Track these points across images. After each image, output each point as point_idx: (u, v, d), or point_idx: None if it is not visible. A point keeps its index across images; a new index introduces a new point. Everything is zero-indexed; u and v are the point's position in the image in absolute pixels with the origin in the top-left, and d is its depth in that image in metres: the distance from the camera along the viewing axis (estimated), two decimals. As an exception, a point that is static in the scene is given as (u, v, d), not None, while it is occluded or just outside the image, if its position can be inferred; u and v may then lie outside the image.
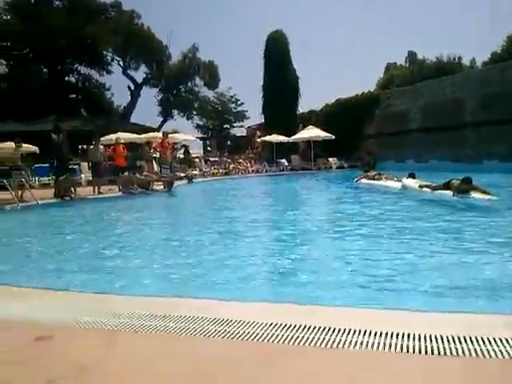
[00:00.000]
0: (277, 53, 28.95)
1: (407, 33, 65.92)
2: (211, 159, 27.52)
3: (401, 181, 11.42)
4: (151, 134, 22.86)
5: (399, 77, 32.97)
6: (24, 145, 17.73)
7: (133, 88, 36.89)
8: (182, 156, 24.73)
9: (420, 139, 22.69)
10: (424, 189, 9.84)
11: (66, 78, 34.92)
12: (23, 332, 2.65)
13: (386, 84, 33.53)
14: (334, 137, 25.33)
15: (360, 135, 26.71)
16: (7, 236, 7.85)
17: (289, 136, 26.94)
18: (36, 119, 25.64)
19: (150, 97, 41.85)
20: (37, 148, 19.02)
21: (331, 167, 26.59)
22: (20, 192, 12.39)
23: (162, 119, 38.62)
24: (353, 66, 64.43)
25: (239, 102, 42.91)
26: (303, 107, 31.92)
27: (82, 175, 17.55)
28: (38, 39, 29.76)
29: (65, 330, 2.65)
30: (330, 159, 27.14)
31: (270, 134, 27.53)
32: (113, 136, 18.87)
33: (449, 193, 8.72)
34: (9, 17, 31.91)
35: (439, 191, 9.19)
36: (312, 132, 26.44)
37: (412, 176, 11.27)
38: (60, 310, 2.98)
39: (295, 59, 30.24)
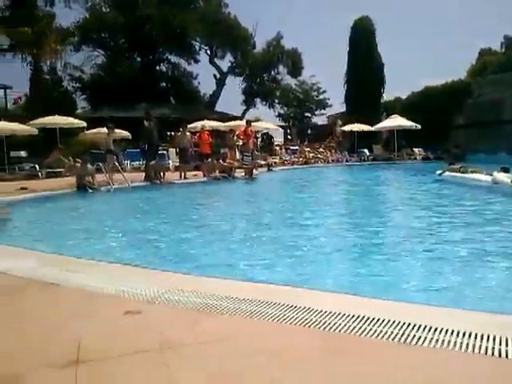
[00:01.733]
0: (362, 39, 28.20)
1: (502, 16, 61.01)
2: (291, 148, 27.66)
3: (491, 175, 10.82)
4: (235, 122, 23.49)
5: (493, 63, 30.80)
6: (117, 130, 19.05)
7: (218, 77, 37.85)
8: (262, 144, 25.16)
9: (515, 131, 21.18)
10: (516, 184, 9.30)
11: (157, 67, 36.59)
12: (114, 306, 2.87)
13: (479, 71, 31.52)
14: (419, 126, 24.39)
15: (448, 125, 25.43)
16: (110, 215, 8.64)
17: (371, 125, 26.29)
18: (129, 106, 27.30)
19: (233, 85, 42.70)
20: (129, 133, 20.26)
21: (416, 158, 25.65)
22: (112, 175, 13.34)
23: (244, 107, 39.32)
24: (442, 53, 60.97)
25: (321, 90, 42.51)
26: (388, 95, 31.02)
27: (170, 161, 18.49)
28: (133, 30, 31.57)
29: (153, 306, 2.80)
30: (415, 150, 26.17)
31: (351, 123, 27.03)
32: (198, 124, 19.70)
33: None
34: (108, 9, 34.06)
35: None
36: (396, 121, 25.57)
37: (505, 170, 10.59)
38: (151, 288, 3.13)
39: (381, 45, 29.39)
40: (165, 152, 18.84)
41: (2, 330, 2.51)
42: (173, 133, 22.20)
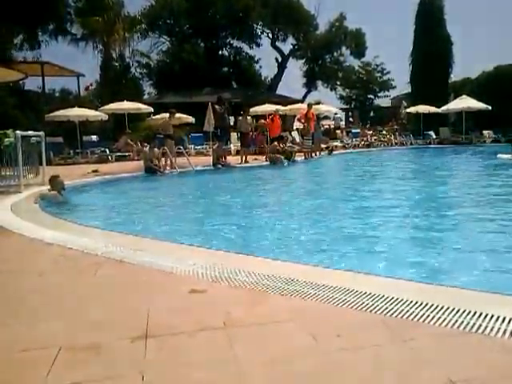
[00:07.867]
0: (429, 17, 26.90)
1: None
2: (353, 130, 27.19)
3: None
4: (295, 106, 23.40)
5: None
6: (182, 115, 19.57)
7: (280, 60, 37.59)
8: (323, 127, 24.91)
9: None
10: None
11: (220, 52, 36.86)
12: (180, 284, 2.98)
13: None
14: (490, 108, 23.13)
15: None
16: (177, 196, 9.10)
17: (438, 107, 25.21)
18: (192, 91, 27.88)
19: (295, 68, 42.23)
20: (193, 118, 20.74)
21: (485, 141, 24.41)
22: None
23: (306, 90, 38.87)
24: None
25: (385, 71, 41.13)
26: (456, 75, 29.56)
27: (231, 145, 18.82)
28: (197, 15, 31.99)
29: (217, 285, 2.89)
30: (485, 132, 24.90)
31: (417, 105, 26.12)
32: (258, 108, 19.91)
33: None
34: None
35: None
36: (465, 102, 24.30)
37: None
38: (215, 267, 3.24)
39: (450, 23, 27.95)
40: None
41: (81, 305, 2.78)
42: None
